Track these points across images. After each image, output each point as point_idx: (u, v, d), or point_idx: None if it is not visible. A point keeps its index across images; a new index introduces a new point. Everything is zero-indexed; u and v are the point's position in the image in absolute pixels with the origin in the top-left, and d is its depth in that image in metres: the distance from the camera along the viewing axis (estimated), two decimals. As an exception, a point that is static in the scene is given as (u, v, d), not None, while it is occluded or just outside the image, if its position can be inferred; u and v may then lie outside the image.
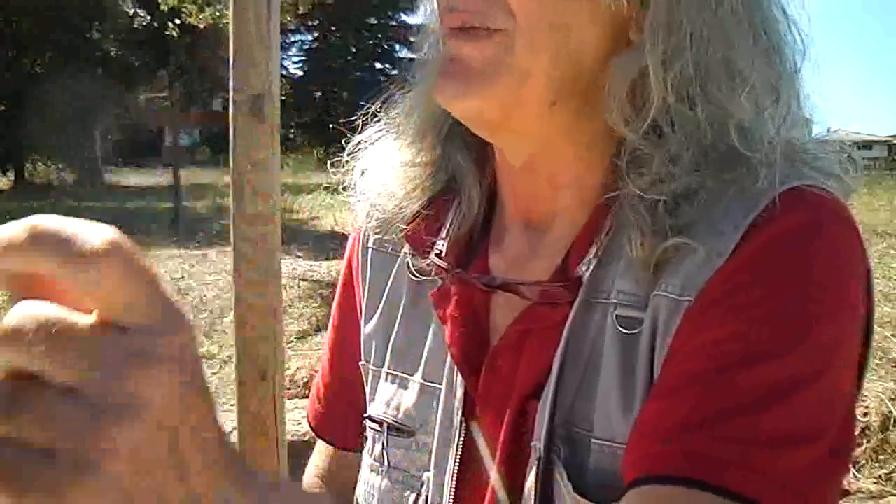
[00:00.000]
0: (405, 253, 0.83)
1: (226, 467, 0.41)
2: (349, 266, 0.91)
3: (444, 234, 0.80)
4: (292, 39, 37.45)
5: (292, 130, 33.80)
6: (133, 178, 23.42)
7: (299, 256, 8.82)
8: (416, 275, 0.82)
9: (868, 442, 3.73)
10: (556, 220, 0.75)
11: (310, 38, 39.66)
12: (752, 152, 0.65)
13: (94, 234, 0.37)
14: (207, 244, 9.44)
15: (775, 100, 0.69)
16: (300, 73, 39.44)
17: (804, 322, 0.60)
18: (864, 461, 3.69)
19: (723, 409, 0.58)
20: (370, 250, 0.87)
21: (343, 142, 0.86)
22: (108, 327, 0.37)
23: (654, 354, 0.64)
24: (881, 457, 3.70)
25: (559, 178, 0.73)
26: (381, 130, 0.84)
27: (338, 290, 0.94)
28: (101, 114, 22.97)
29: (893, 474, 3.61)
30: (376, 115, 0.84)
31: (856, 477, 3.61)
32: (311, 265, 8.18)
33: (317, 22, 37.50)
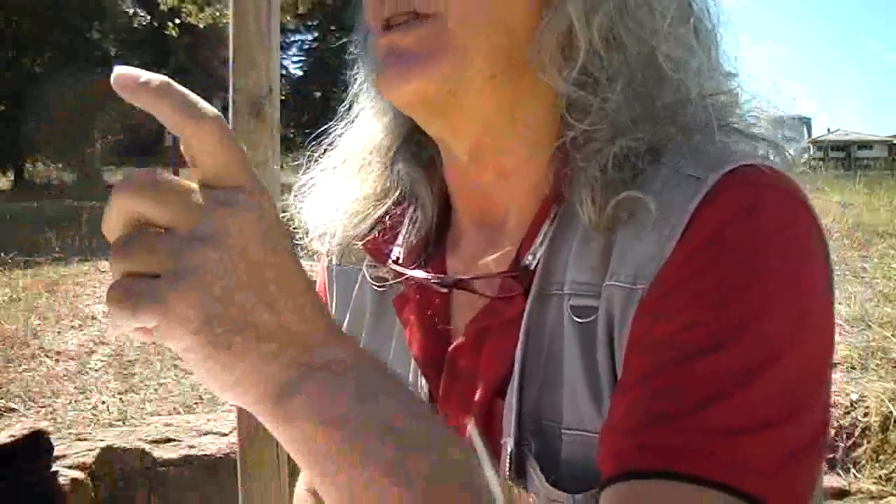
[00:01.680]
0: (366, 265, 0.84)
1: (317, 315, 0.51)
2: (320, 284, 0.92)
3: (400, 241, 0.81)
4: (292, 39, 37.44)
5: (292, 130, 33.80)
6: (133, 178, 23.35)
7: (300, 257, 8.81)
8: (378, 284, 0.82)
9: (868, 442, 3.73)
10: (509, 216, 0.75)
11: (310, 38, 39.68)
12: (681, 78, 0.68)
13: (208, 106, 0.49)
14: (207, 244, 9.39)
15: (696, 40, 0.71)
16: (300, 73, 39.47)
17: (758, 303, 0.59)
18: (864, 461, 3.69)
19: (690, 400, 0.57)
20: (334, 268, 0.88)
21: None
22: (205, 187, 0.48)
23: (614, 344, 0.64)
24: (881, 457, 3.70)
25: (505, 164, 0.74)
26: (324, 169, 0.85)
27: None
28: (101, 114, 22.96)
29: (893, 474, 3.61)
30: (318, 159, 0.86)
31: (856, 477, 3.61)
32: (311, 265, 8.18)
33: (317, 22, 37.51)
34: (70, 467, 3.22)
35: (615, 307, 0.64)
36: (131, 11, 23.21)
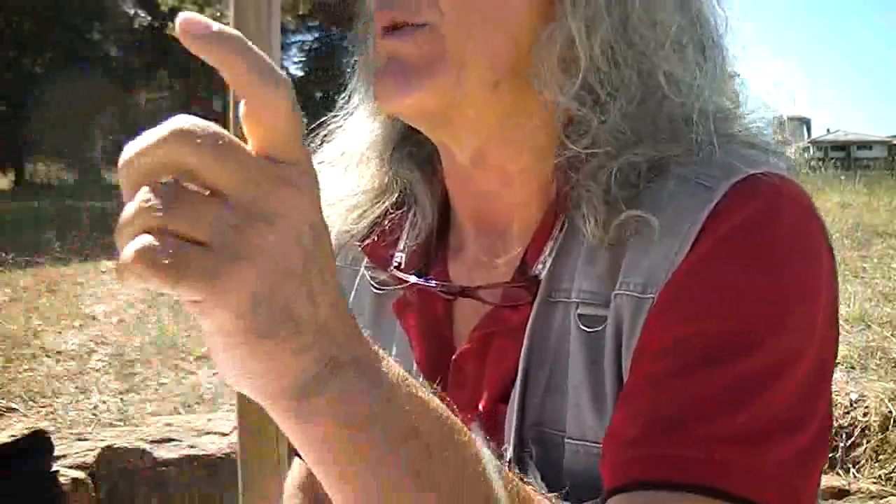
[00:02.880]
0: (365, 266, 0.83)
1: (346, 311, 0.48)
2: None
3: (401, 246, 0.80)
4: (292, 39, 37.44)
5: (292, 130, 33.67)
6: (133, 178, 23.37)
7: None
8: (378, 288, 0.81)
9: (868, 442, 3.73)
10: (512, 222, 0.74)
11: (310, 38, 39.69)
12: (683, 98, 0.66)
13: (278, 72, 0.44)
14: (207, 244, 9.39)
15: (701, 55, 0.70)
16: (300, 73, 39.45)
17: (771, 312, 0.59)
18: (864, 461, 3.69)
19: (702, 408, 0.57)
20: None
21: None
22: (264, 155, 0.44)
23: (622, 353, 0.63)
24: (881, 457, 3.70)
25: (509, 169, 0.73)
26: (321, 162, 0.83)
27: None
28: (101, 114, 22.97)
29: (893, 474, 3.60)
30: (315, 151, 0.84)
31: (856, 477, 3.61)
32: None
33: (317, 22, 37.52)
34: (70, 467, 3.22)
35: (624, 316, 0.63)
36: (131, 11, 23.21)
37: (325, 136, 0.84)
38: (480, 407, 0.71)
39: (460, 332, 0.76)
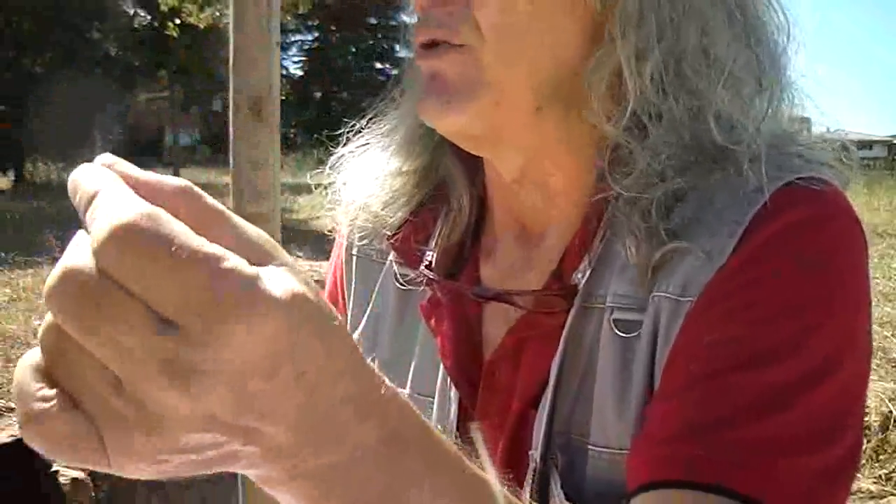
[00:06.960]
0: (391, 261, 0.82)
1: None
2: (334, 275, 0.90)
3: (432, 244, 0.79)
4: (292, 39, 37.45)
5: (292, 130, 33.75)
6: (133, 178, 23.35)
7: (299, 256, 8.80)
8: (404, 284, 0.80)
9: (868, 442, 3.73)
10: (549, 230, 0.74)
11: (310, 38, 39.71)
12: (732, 143, 0.63)
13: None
14: (207, 244, 9.38)
15: (758, 85, 0.68)
16: (300, 73, 39.47)
17: (811, 320, 0.59)
18: (864, 461, 3.69)
19: (734, 412, 0.57)
20: (355, 258, 0.86)
21: (341, 142, 0.85)
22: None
23: (655, 357, 0.63)
24: (881, 457, 3.69)
25: (551, 186, 0.72)
26: (366, 143, 0.83)
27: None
28: (101, 114, 22.97)
29: (893, 474, 3.60)
30: (360, 131, 0.83)
31: (856, 477, 3.61)
32: (310, 265, 8.17)
33: (317, 22, 37.56)
34: (70, 467, 3.22)
35: (661, 319, 0.62)
36: (131, 11, 23.22)
37: (375, 116, 0.83)
38: (512, 410, 0.70)
39: (490, 336, 0.75)
